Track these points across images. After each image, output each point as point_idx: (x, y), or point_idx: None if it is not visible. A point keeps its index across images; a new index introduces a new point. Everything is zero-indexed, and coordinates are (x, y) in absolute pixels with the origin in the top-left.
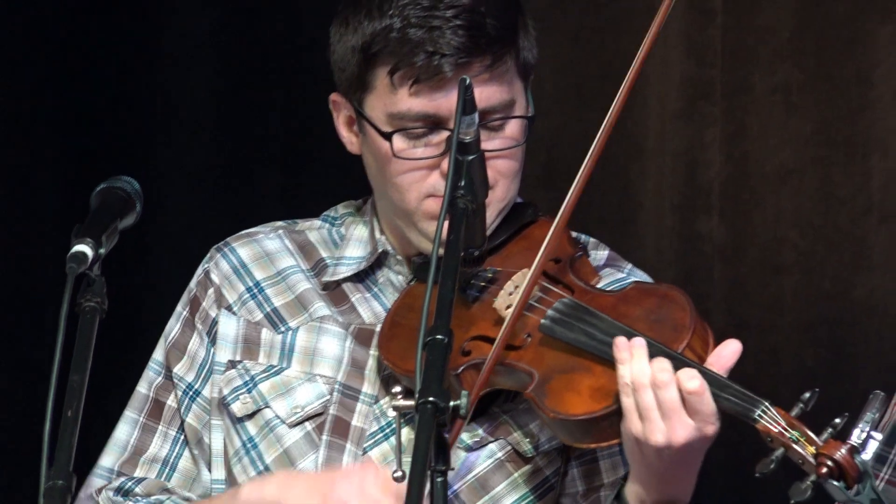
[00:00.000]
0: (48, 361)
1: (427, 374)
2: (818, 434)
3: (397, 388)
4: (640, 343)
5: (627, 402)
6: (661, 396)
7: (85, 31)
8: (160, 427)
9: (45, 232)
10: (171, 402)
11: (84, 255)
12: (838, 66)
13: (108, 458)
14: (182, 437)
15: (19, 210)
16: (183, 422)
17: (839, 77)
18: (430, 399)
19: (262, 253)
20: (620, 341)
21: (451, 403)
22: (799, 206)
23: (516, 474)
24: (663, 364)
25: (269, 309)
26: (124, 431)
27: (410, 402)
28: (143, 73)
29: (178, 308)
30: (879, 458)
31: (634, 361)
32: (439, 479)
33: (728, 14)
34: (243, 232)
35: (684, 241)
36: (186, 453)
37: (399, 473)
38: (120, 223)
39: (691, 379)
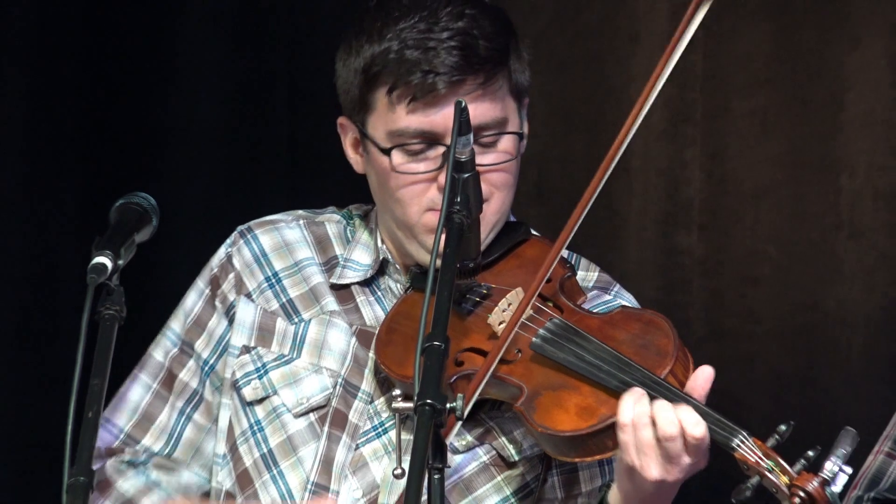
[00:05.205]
0: (70, 366)
1: (425, 377)
2: (791, 465)
3: (397, 392)
4: (641, 391)
5: (625, 438)
6: (668, 447)
7: (102, 50)
8: (171, 398)
9: (66, 245)
10: (182, 375)
11: (104, 266)
12: (811, 90)
13: (121, 418)
14: (187, 410)
15: (42, 224)
16: (192, 395)
17: (812, 101)
18: (428, 401)
19: (282, 243)
20: (633, 394)
21: (448, 405)
22: (774, 222)
23: (499, 478)
24: (669, 415)
25: (284, 300)
26: (137, 393)
27: (409, 405)
28: (156, 92)
29: (199, 284)
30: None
31: (637, 405)
32: (437, 476)
33: (708, 42)
34: (266, 218)
35: (666, 254)
36: (190, 426)
37: (399, 471)
38: (137, 237)
39: (696, 425)
